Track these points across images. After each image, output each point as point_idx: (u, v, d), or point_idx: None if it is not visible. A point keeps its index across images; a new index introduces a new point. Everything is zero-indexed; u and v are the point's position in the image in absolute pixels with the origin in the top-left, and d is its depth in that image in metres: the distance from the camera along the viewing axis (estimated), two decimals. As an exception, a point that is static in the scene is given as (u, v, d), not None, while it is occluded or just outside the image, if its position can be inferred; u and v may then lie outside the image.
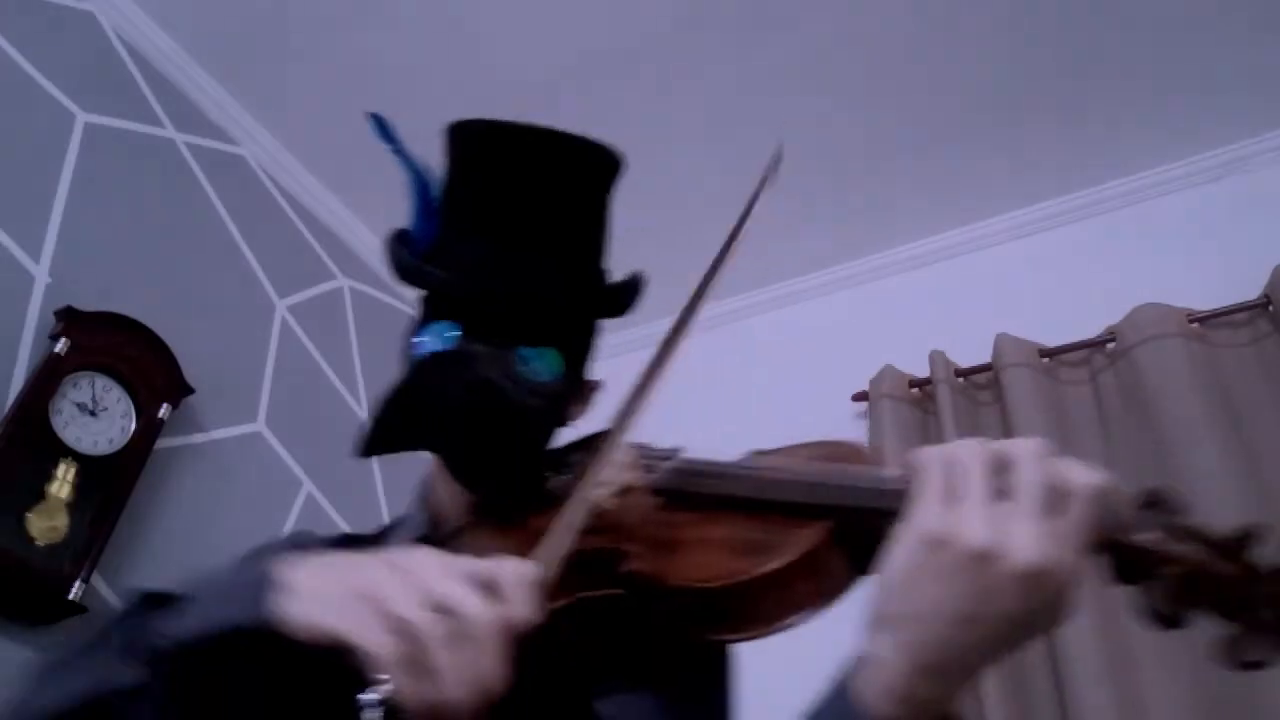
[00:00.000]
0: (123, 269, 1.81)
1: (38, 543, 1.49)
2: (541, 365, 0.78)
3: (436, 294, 0.81)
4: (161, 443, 1.73)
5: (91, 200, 1.79)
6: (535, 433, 0.79)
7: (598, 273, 0.85)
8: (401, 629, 0.48)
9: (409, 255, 0.84)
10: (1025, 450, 0.50)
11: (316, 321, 2.24)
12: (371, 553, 0.56)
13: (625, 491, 0.66)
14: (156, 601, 0.61)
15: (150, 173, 1.94)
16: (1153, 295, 1.82)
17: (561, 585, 0.60)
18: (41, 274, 1.66)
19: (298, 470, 2.07)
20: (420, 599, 0.49)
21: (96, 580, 1.58)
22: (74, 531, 1.54)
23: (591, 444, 0.79)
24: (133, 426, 1.67)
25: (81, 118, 1.82)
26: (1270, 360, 1.71)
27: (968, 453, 0.50)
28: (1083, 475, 0.49)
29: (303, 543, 0.86)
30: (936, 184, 2.14)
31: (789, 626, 0.53)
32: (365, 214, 2.41)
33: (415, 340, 0.81)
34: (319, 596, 0.53)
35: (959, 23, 1.80)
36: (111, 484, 1.61)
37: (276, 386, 2.09)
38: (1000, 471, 0.49)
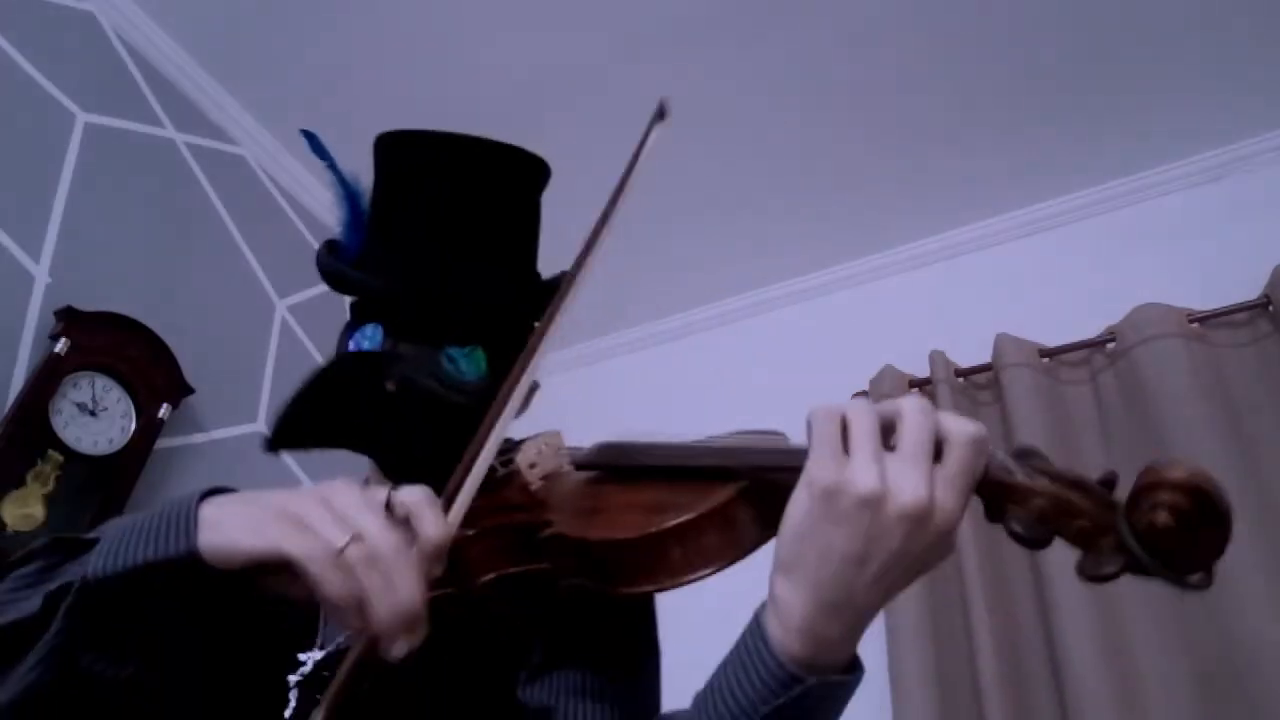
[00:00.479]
0: (123, 269, 1.81)
1: (9, 529, 1.48)
2: (468, 364, 0.80)
3: (364, 298, 0.84)
4: (161, 443, 1.73)
5: (91, 200, 1.79)
6: (462, 428, 0.78)
7: (526, 273, 0.87)
8: (334, 549, 0.51)
9: (336, 262, 0.87)
10: (908, 405, 0.53)
11: (316, 321, 2.25)
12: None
13: (551, 475, 0.70)
14: (67, 545, 0.62)
15: (150, 173, 1.94)
16: (1153, 295, 1.82)
17: (487, 560, 0.64)
18: (41, 274, 1.66)
19: (298, 470, 2.07)
20: (342, 524, 0.52)
21: (96, 580, 1.58)
22: (55, 525, 1.53)
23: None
24: (133, 426, 1.67)
25: (81, 118, 1.82)
26: (1270, 360, 1.71)
27: (857, 410, 0.54)
28: (959, 424, 0.53)
29: None
30: (937, 184, 2.14)
31: (700, 577, 0.57)
32: (365, 214, 2.41)
33: (345, 341, 0.84)
34: (239, 523, 0.55)
35: (959, 24, 1.80)
36: (111, 484, 1.61)
37: (276, 386, 2.09)
38: (888, 427, 0.53)
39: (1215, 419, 1.64)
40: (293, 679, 0.72)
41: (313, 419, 0.79)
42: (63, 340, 1.59)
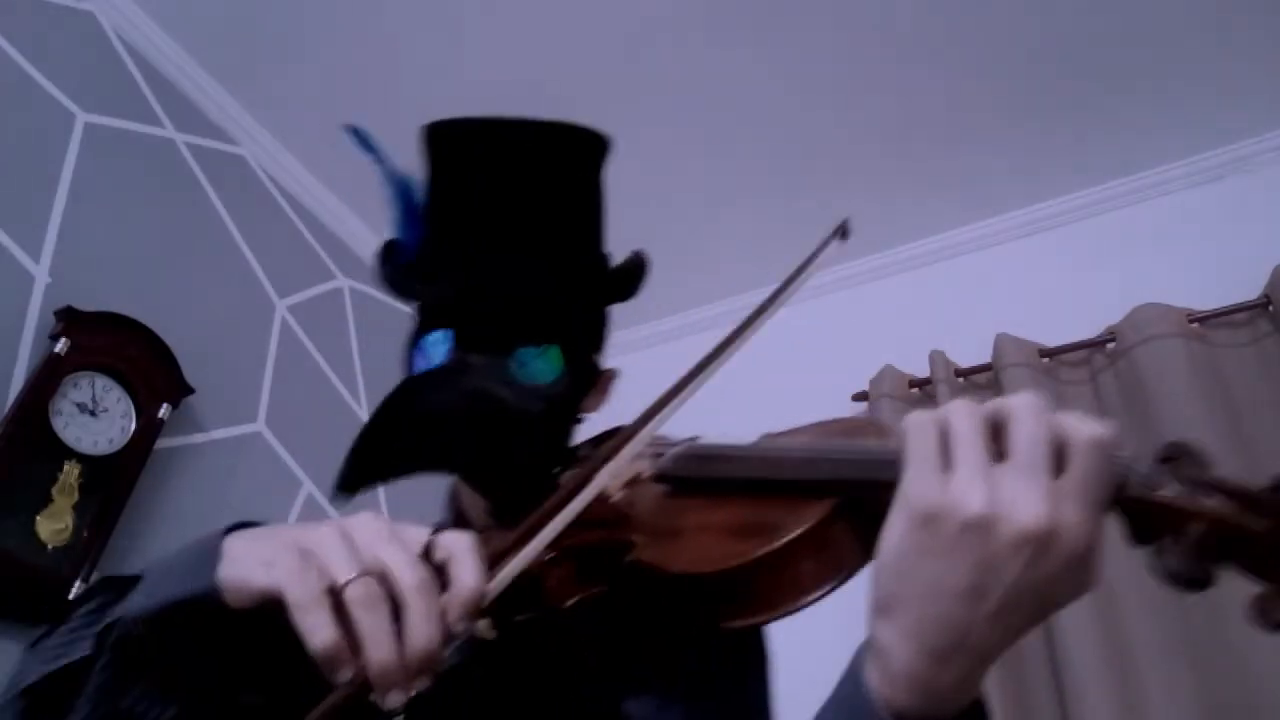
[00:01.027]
0: (123, 269, 1.81)
1: (48, 546, 1.50)
2: (542, 365, 0.76)
3: (424, 311, 0.80)
4: (161, 443, 1.73)
5: (91, 200, 1.79)
6: (539, 435, 0.77)
7: (595, 259, 0.83)
8: (330, 587, 0.46)
9: (394, 269, 0.82)
10: (1020, 405, 0.45)
11: (316, 321, 2.24)
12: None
13: (632, 482, 0.64)
14: (116, 584, 0.61)
15: (150, 173, 1.94)
16: (1153, 295, 1.82)
17: (570, 583, 0.59)
18: (41, 274, 1.66)
19: (298, 470, 2.07)
20: (356, 559, 0.47)
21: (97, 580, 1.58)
22: (78, 532, 1.55)
23: (609, 439, 0.80)
24: (133, 426, 1.67)
25: (81, 118, 1.82)
26: (1270, 360, 1.71)
27: (959, 414, 0.46)
28: (1083, 426, 0.45)
29: None
30: (936, 184, 2.14)
31: (799, 608, 0.50)
32: (365, 214, 2.41)
33: (412, 354, 0.80)
34: (254, 558, 0.51)
35: (959, 24, 1.80)
36: (111, 484, 1.61)
37: (276, 386, 2.09)
38: (996, 432, 0.46)
39: (1215, 419, 1.64)
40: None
41: (384, 453, 0.74)
42: (63, 340, 1.58)
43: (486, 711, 0.66)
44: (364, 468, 0.74)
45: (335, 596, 0.46)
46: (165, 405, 1.72)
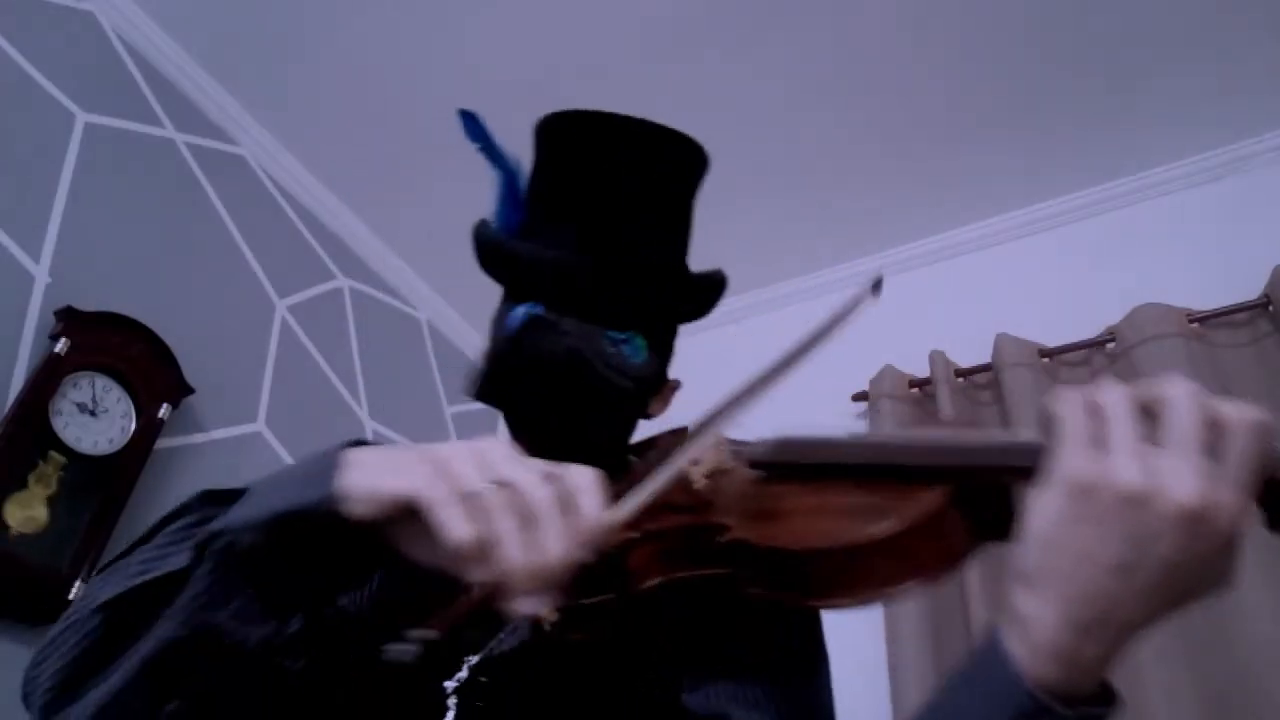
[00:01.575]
0: (123, 269, 1.81)
1: (13, 530, 1.48)
2: (628, 349, 0.78)
3: (522, 273, 0.79)
4: (161, 443, 1.73)
5: (91, 200, 1.79)
6: (618, 412, 0.78)
7: (683, 267, 0.85)
8: (466, 491, 0.47)
9: (500, 234, 0.82)
10: (1175, 390, 0.46)
11: (316, 321, 2.24)
12: None
13: (716, 473, 0.64)
14: (215, 498, 0.60)
15: (150, 173, 1.94)
16: (1153, 295, 1.82)
17: (652, 565, 0.59)
18: (41, 274, 1.66)
19: (298, 470, 2.07)
20: (487, 473, 0.48)
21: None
22: (64, 527, 1.53)
23: (669, 441, 0.79)
24: (133, 426, 1.67)
25: (81, 118, 1.82)
26: (1270, 360, 1.71)
27: (1112, 393, 0.47)
28: (1240, 411, 0.45)
29: None
30: (936, 184, 2.14)
31: (907, 591, 0.51)
32: (365, 214, 2.41)
33: (504, 322, 0.79)
34: (381, 467, 0.52)
35: (959, 24, 1.80)
36: (111, 484, 1.61)
37: (276, 386, 2.09)
38: (1147, 414, 0.47)
39: (1215, 419, 1.64)
40: (449, 685, 0.68)
41: (503, 379, 0.77)
42: (63, 340, 1.58)
43: (542, 698, 0.66)
44: (490, 387, 0.77)
45: (470, 503, 0.47)
46: (165, 405, 1.72)
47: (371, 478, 0.51)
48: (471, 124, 0.86)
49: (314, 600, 0.61)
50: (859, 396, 2.07)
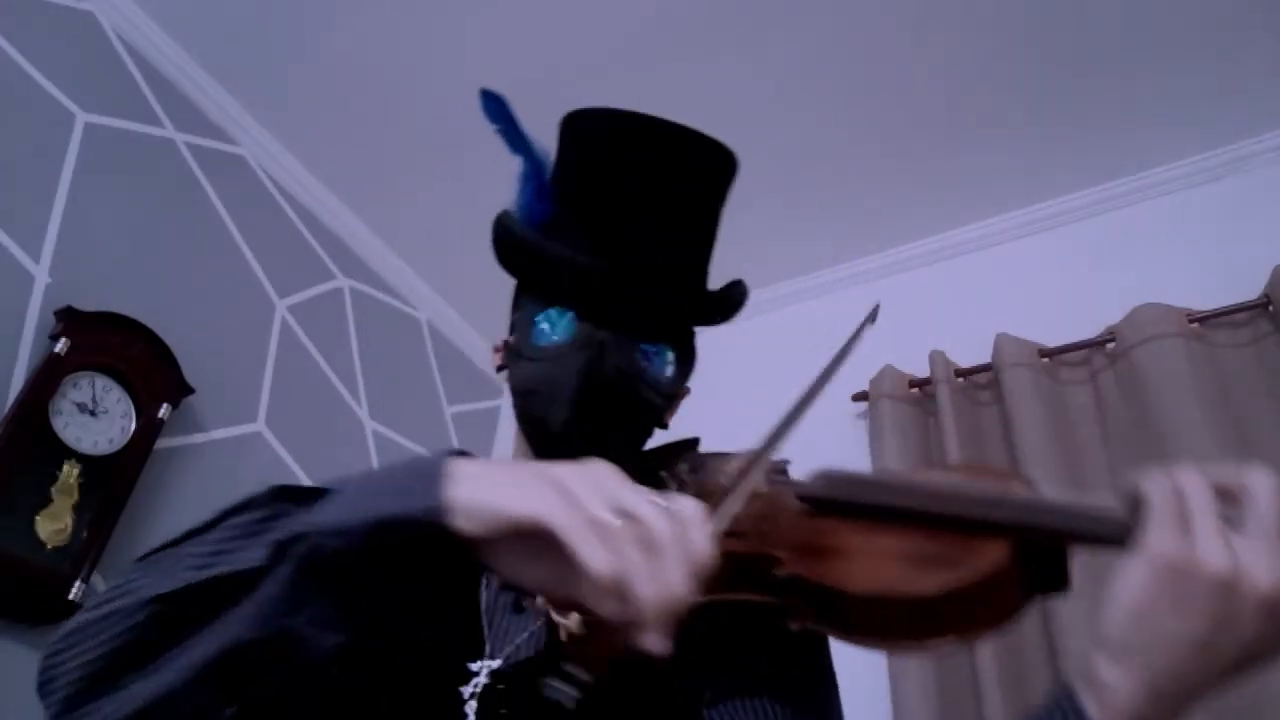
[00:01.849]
0: (123, 269, 1.81)
1: (47, 546, 1.50)
2: (659, 363, 0.77)
3: (552, 274, 0.76)
4: (161, 443, 1.73)
5: (91, 200, 1.79)
6: (646, 427, 0.77)
7: (706, 276, 0.83)
8: (598, 520, 0.46)
9: (528, 230, 0.78)
10: (1259, 479, 0.49)
11: (316, 321, 2.24)
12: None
13: (754, 499, 0.63)
14: (290, 494, 0.57)
15: (150, 173, 1.94)
16: (1153, 295, 1.82)
17: (704, 585, 0.59)
18: (41, 274, 1.66)
19: (298, 470, 2.07)
20: (610, 501, 0.47)
21: (96, 580, 1.58)
22: (77, 532, 1.55)
23: (677, 452, 0.78)
24: (133, 426, 1.67)
25: (81, 118, 1.82)
26: (1270, 360, 1.71)
27: (1196, 478, 0.50)
28: None
29: None
30: (936, 184, 2.14)
31: (965, 643, 0.52)
32: (365, 214, 2.41)
33: (534, 321, 0.77)
34: (500, 484, 0.50)
35: (959, 24, 1.80)
36: (111, 484, 1.61)
37: (276, 386, 2.09)
38: (1227, 497, 0.49)
39: (1215, 419, 1.64)
40: (466, 690, 0.67)
41: (544, 399, 0.74)
42: (63, 340, 1.58)
43: (560, 705, 0.67)
44: (579, 420, 0.74)
45: (603, 533, 0.46)
46: (165, 405, 1.72)
47: (489, 494, 0.49)
48: (494, 105, 0.84)
49: (394, 613, 0.59)
50: (859, 396, 2.07)
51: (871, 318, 0.77)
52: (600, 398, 0.72)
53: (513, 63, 1.97)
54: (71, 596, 1.50)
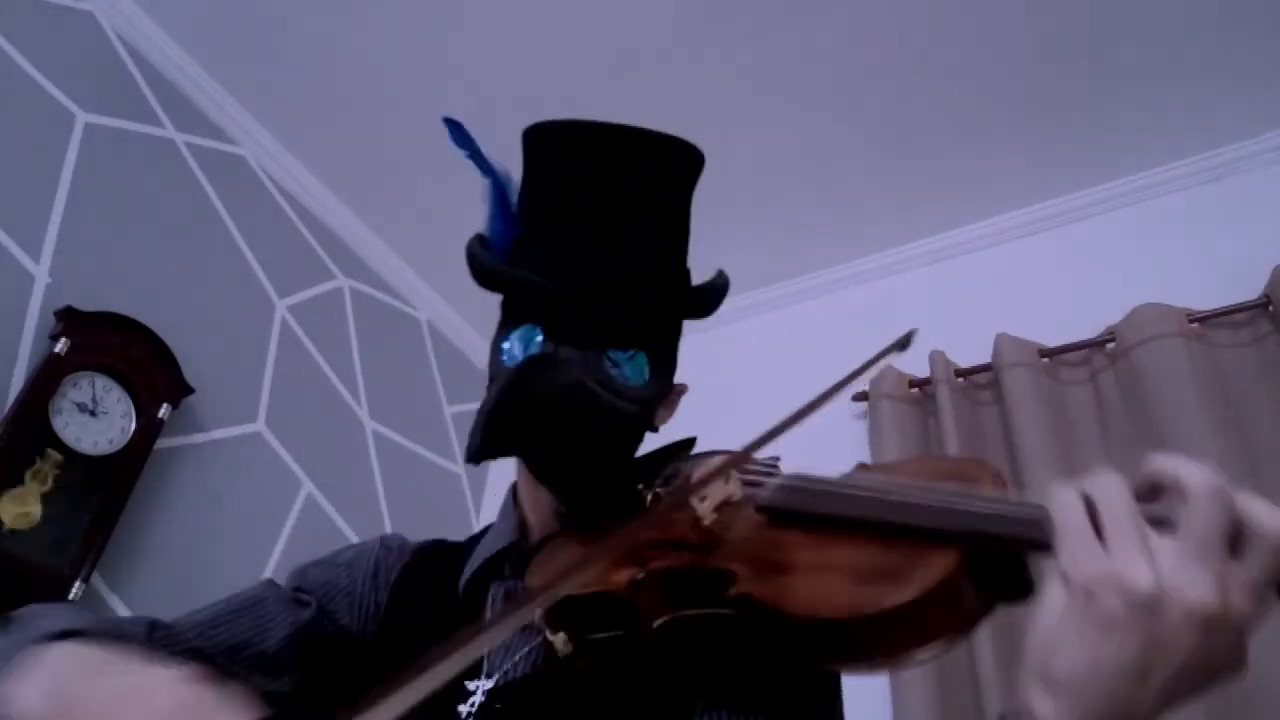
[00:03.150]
0: (123, 269, 1.81)
1: (6, 527, 1.48)
2: (631, 369, 0.77)
3: (518, 296, 0.78)
4: (161, 443, 1.73)
5: (91, 200, 1.79)
6: (625, 437, 0.78)
7: (682, 272, 0.83)
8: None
9: (490, 256, 0.80)
10: (1196, 483, 0.43)
11: (316, 321, 2.24)
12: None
13: (723, 506, 0.62)
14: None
15: (150, 173, 1.94)
16: (1153, 295, 1.82)
17: (660, 603, 0.59)
18: (41, 274, 1.66)
19: (298, 470, 2.07)
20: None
21: (96, 580, 1.58)
22: (52, 523, 1.53)
23: (676, 452, 0.79)
24: (133, 426, 1.67)
25: (81, 118, 1.82)
26: (1270, 360, 1.71)
27: (1109, 483, 0.45)
28: (1269, 517, 0.43)
29: (392, 547, 0.87)
30: (936, 184, 2.14)
31: (921, 660, 0.49)
32: (365, 214, 2.41)
33: (501, 345, 0.79)
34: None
35: (959, 25, 1.80)
36: (111, 484, 1.61)
37: (276, 386, 2.09)
38: (1159, 491, 0.45)
39: (1215, 419, 1.64)
40: (463, 709, 0.68)
41: (503, 428, 0.75)
42: (63, 340, 1.58)
43: None
44: (489, 442, 0.75)
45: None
46: (165, 405, 1.72)
47: None
48: (456, 131, 0.86)
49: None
50: (859, 396, 2.07)
51: (902, 345, 0.75)
52: (558, 412, 0.72)
53: (514, 63, 1.97)
54: (71, 596, 1.50)
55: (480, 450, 0.75)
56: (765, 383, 2.25)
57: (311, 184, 2.31)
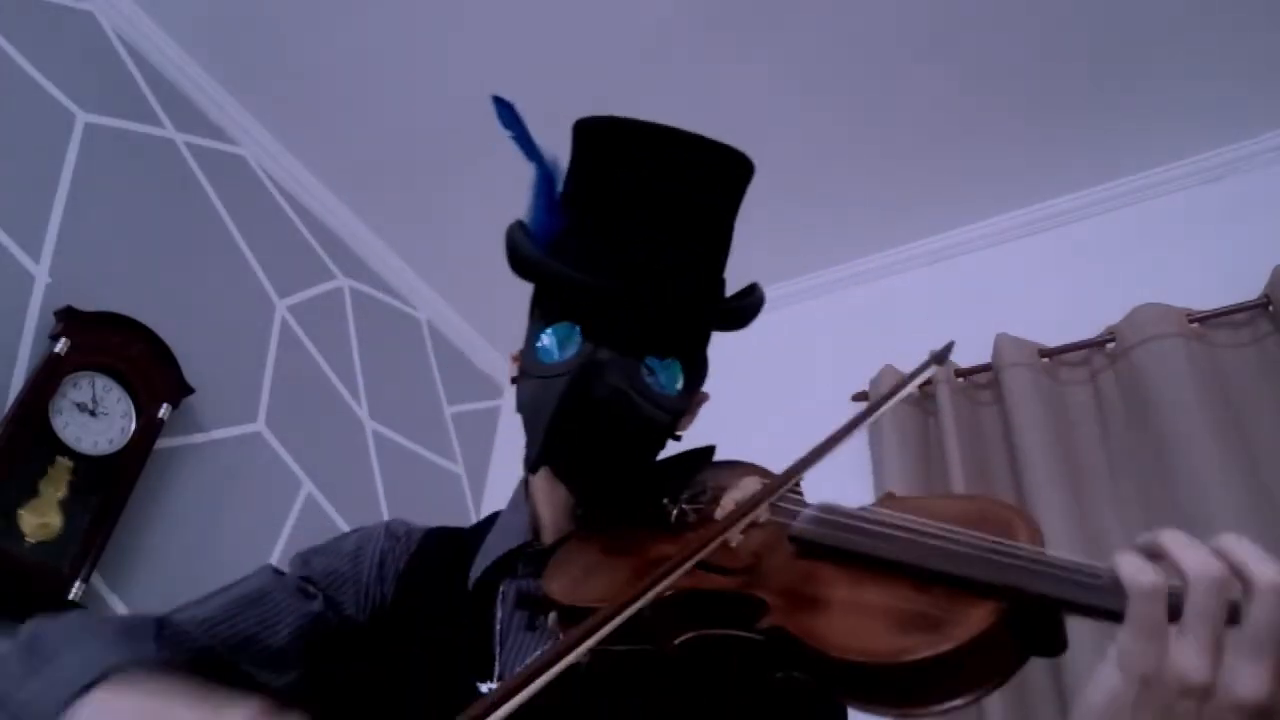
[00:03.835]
0: (123, 269, 1.81)
1: (29, 539, 1.49)
2: (666, 376, 0.76)
3: (559, 291, 0.76)
4: (161, 443, 1.73)
5: (91, 200, 1.79)
6: (653, 445, 0.77)
7: (721, 283, 0.82)
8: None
9: (532, 247, 0.78)
10: (1268, 574, 0.43)
11: (316, 321, 2.24)
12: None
13: (750, 527, 0.62)
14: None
15: (150, 173, 1.94)
16: (1153, 295, 1.82)
17: (683, 621, 0.58)
18: (41, 274, 1.66)
19: (298, 470, 2.07)
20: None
21: (96, 580, 1.58)
22: (69, 530, 1.54)
23: (695, 460, 0.79)
24: (133, 426, 1.67)
25: (81, 118, 1.82)
26: (1270, 360, 1.71)
27: (1209, 570, 0.45)
28: None
29: (398, 535, 0.87)
30: (936, 184, 2.14)
31: (951, 709, 0.48)
32: (365, 214, 2.41)
33: (537, 340, 0.77)
34: None
35: (960, 25, 1.80)
36: (111, 484, 1.61)
37: (276, 386, 2.09)
38: (1229, 588, 0.45)
39: (1215, 419, 1.64)
40: None
41: (558, 440, 0.73)
42: (63, 340, 1.58)
43: None
44: (550, 453, 0.74)
45: None
46: (165, 405, 1.72)
47: None
48: (506, 112, 0.83)
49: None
50: (859, 396, 2.07)
51: (939, 358, 0.74)
52: (584, 422, 0.72)
53: (514, 63, 1.97)
54: (71, 596, 1.50)
55: (540, 459, 0.75)
56: (765, 383, 2.25)
57: (311, 184, 2.31)
